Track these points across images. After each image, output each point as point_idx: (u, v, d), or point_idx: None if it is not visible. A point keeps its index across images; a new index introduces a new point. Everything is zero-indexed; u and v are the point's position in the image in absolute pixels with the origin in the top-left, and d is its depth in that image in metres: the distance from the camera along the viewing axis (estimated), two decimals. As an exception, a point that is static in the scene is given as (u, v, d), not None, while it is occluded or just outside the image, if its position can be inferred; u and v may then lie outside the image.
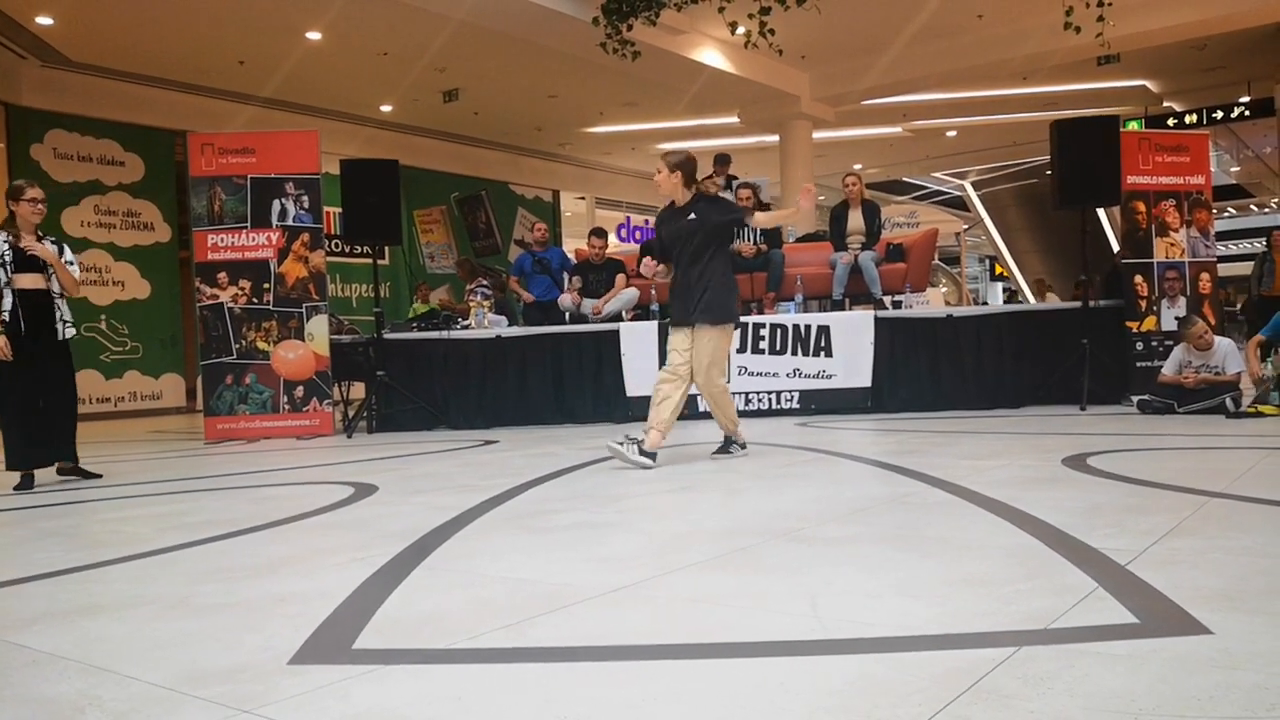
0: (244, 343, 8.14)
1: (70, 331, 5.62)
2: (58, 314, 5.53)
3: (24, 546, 3.60)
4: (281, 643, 2.12)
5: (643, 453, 4.97)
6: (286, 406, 8.16)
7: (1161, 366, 7.16)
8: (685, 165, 5.15)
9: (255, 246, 8.20)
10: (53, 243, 5.59)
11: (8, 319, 5.29)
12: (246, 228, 8.19)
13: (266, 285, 8.18)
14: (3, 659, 2.14)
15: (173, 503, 4.57)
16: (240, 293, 8.15)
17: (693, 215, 5.11)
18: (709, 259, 5.14)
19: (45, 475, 5.62)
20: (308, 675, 1.90)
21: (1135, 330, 7.89)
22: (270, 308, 8.18)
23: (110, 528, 3.94)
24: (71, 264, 5.61)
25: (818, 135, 15.62)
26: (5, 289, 5.32)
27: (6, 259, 5.34)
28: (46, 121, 12.24)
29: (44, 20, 10.90)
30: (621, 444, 5.00)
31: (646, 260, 5.51)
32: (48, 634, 2.30)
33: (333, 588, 2.60)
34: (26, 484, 5.37)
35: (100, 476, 5.71)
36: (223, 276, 8.15)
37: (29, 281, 5.40)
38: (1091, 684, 1.64)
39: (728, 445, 5.39)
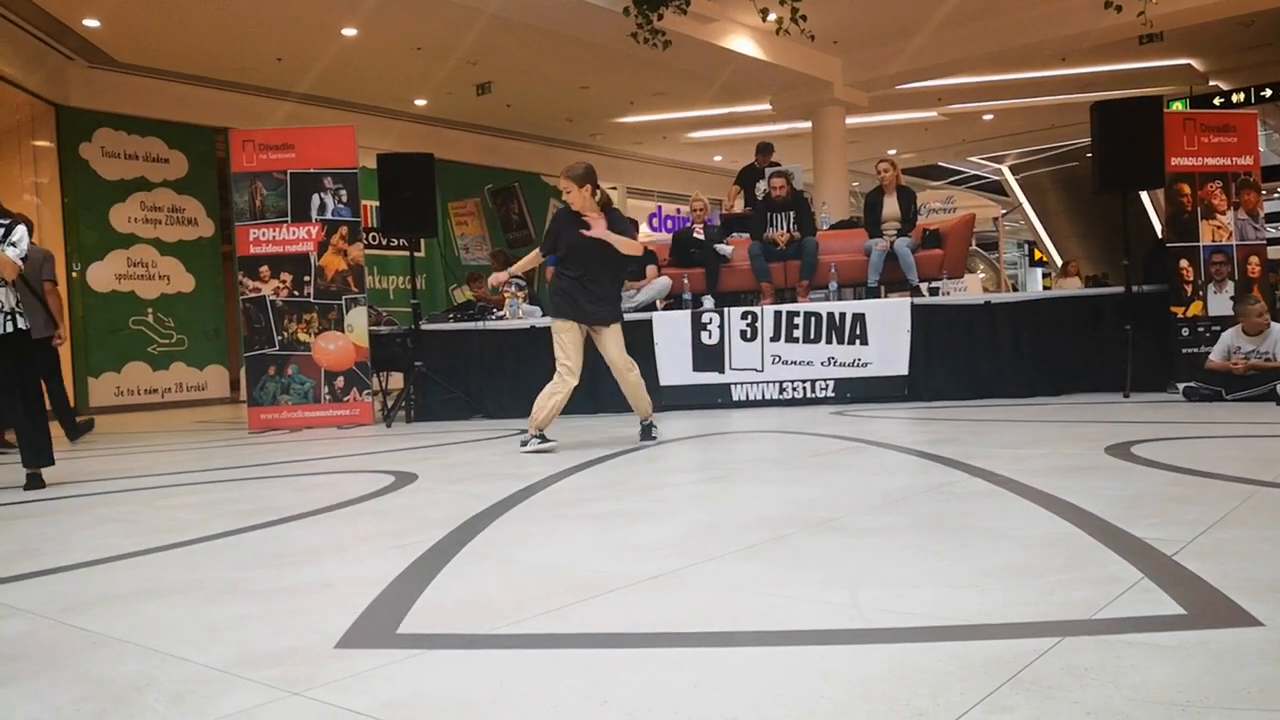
0: (286, 334, 8.26)
1: (10, 325, 4.83)
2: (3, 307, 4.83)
3: (83, 533, 3.69)
4: (328, 627, 2.16)
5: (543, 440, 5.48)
6: (327, 397, 8.27)
7: (1208, 353, 7.06)
8: (590, 177, 5.57)
9: (295, 240, 8.30)
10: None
11: None
12: (287, 222, 8.30)
13: (307, 278, 8.28)
14: (64, 640, 2.20)
15: (221, 491, 4.65)
16: (281, 285, 8.26)
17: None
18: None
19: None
20: (354, 659, 1.94)
21: (1180, 316, 7.77)
22: (311, 300, 8.28)
23: (163, 514, 4.02)
24: (13, 245, 4.83)
25: (851, 121, 15.50)
26: None
27: None
28: (94, 121, 12.49)
29: (91, 22, 11.09)
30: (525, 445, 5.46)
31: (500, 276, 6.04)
32: (106, 616, 2.37)
33: (376, 574, 2.64)
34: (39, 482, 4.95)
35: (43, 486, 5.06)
36: (264, 270, 8.26)
37: None
38: (1137, 675, 1.63)
39: (649, 431, 5.83)
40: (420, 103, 15.36)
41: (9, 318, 4.83)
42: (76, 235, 12.27)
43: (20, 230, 4.89)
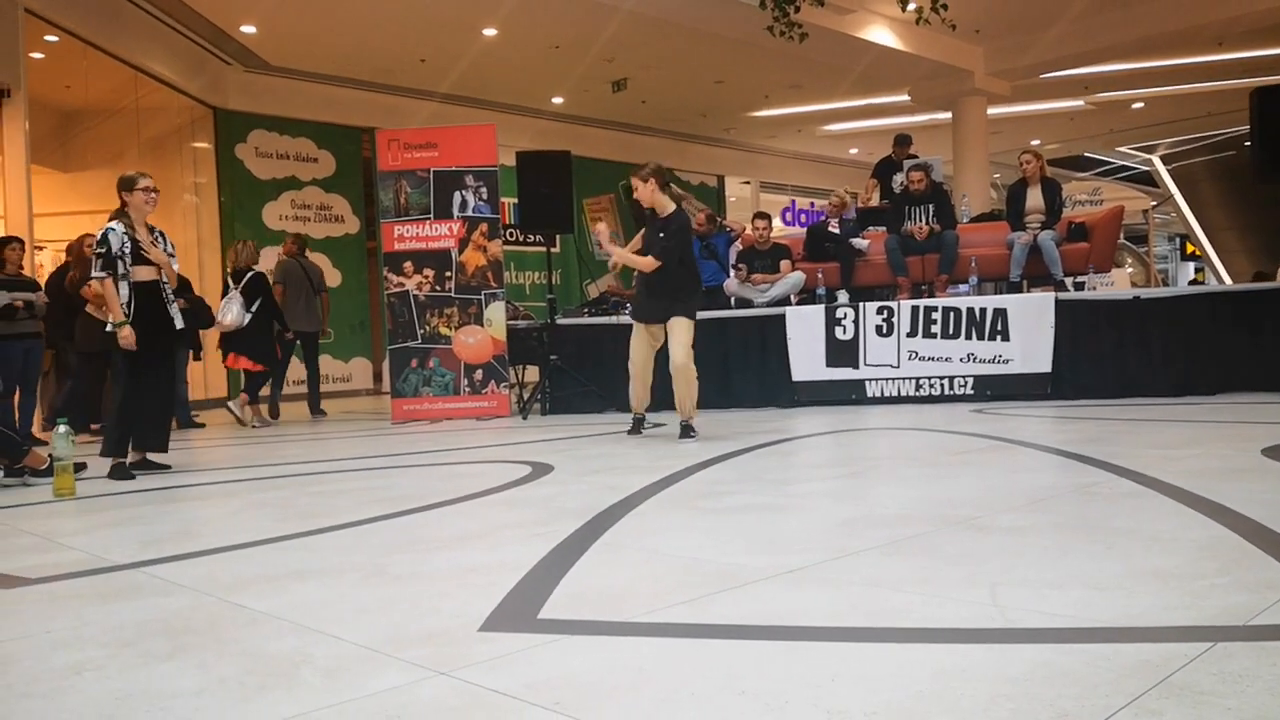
0: (427, 328, 8.55)
1: (180, 321, 5.55)
2: (170, 305, 5.47)
3: (240, 515, 3.92)
4: (472, 610, 2.25)
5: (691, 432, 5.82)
6: (466, 389, 8.53)
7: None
8: (656, 173, 5.85)
9: (437, 237, 8.58)
10: (158, 235, 5.51)
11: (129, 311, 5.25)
12: (430, 219, 8.58)
13: (448, 274, 8.55)
14: (225, 616, 2.35)
15: (368, 479, 4.86)
16: (424, 281, 8.55)
17: (662, 235, 5.84)
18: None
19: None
20: (498, 642, 2.02)
21: (1349, 312, 7.29)
22: (452, 295, 8.55)
23: (315, 500, 4.23)
24: (173, 257, 5.56)
25: (992, 111, 15.05)
26: (123, 281, 5.26)
27: (126, 250, 5.27)
28: (249, 123, 13.16)
29: (248, 29, 11.70)
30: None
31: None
32: (263, 595, 2.52)
33: (516, 561, 2.73)
34: (127, 474, 5.27)
35: (169, 468, 5.60)
36: (408, 265, 8.56)
37: (144, 274, 5.35)
38: (1294, 682, 1.57)
39: (688, 431, 5.91)
40: (558, 100, 15.63)
41: (177, 315, 5.53)
42: (232, 233, 12.92)
43: (168, 241, 5.63)
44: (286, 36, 12.09)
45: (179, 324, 5.53)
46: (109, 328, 5.28)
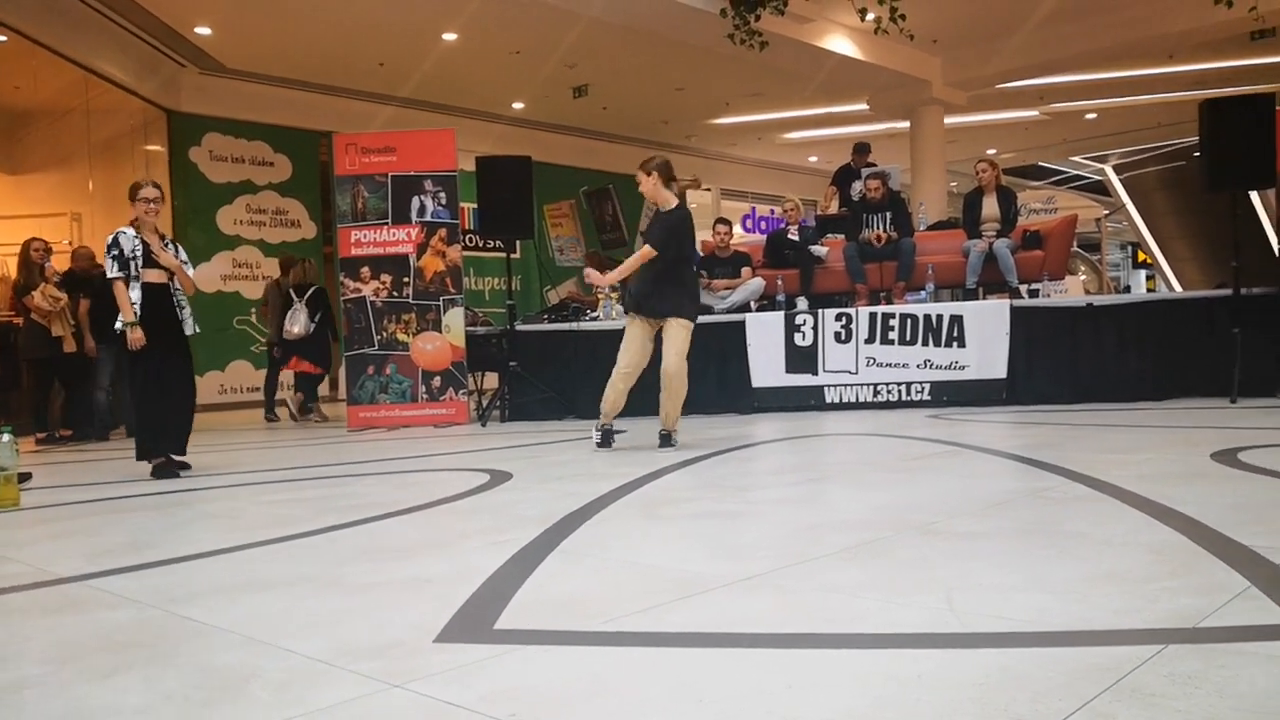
0: (385, 334, 8.47)
1: (192, 327, 5.72)
2: (181, 309, 5.65)
3: (190, 527, 3.85)
4: (428, 621, 2.22)
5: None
6: (424, 396, 8.46)
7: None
8: (660, 167, 5.65)
9: (395, 242, 8.51)
10: (169, 243, 5.72)
11: (139, 311, 5.41)
12: (387, 224, 8.51)
13: (406, 279, 8.48)
14: (173, 630, 2.30)
15: (323, 487, 4.80)
16: (381, 286, 8.47)
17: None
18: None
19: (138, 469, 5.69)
20: (453, 653, 1.99)
21: (1292, 319, 7.47)
22: (410, 300, 8.48)
23: (268, 510, 4.17)
24: (186, 264, 5.74)
25: (950, 120, 15.21)
26: (135, 282, 5.43)
27: (137, 253, 5.45)
28: (203, 126, 12.94)
29: (203, 30, 11.52)
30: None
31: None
32: (214, 608, 2.47)
33: (473, 570, 2.70)
34: (168, 472, 5.47)
35: (190, 467, 5.72)
36: (365, 271, 8.48)
37: (154, 276, 5.52)
38: (1243, 685, 1.59)
39: (668, 440, 5.70)
40: (518, 106, 15.58)
41: (188, 321, 5.71)
42: (186, 238, 12.75)
43: (181, 250, 5.80)
44: (243, 39, 11.92)
45: (189, 329, 5.68)
46: (118, 327, 5.43)
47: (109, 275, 5.47)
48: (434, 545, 3.15)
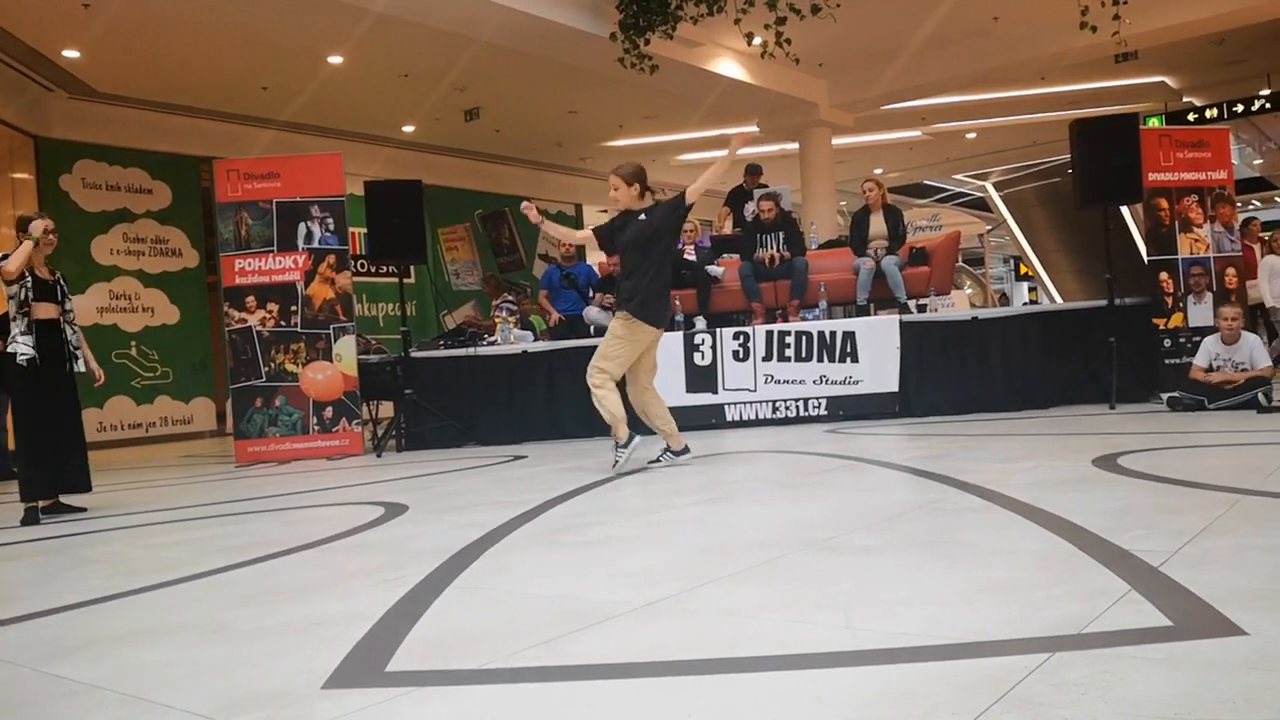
0: (273, 365, 8.22)
1: (80, 366, 5.61)
2: (69, 345, 5.56)
3: (65, 575, 3.66)
4: (317, 667, 2.14)
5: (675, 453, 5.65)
6: (316, 427, 8.23)
7: (1190, 363, 7.11)
8: (640, 176, 5.48)
9: (282, 270, 8.28)
10: (59, 279, 5.64)
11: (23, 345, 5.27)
12: (273, 251, 8.28)
13: (294, 308, 8.26)
14: (41, 691, 2.17)
15: (208, 527, 4.62)
16: (268, 315, 8.23)
17: (643, 216, 5.42)
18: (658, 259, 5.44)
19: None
20: (343, 699, 1.92)
21: (1162, 327, 7.84)
22: (298, 330, 8.26)
23: (149, 553, 3.99)
24: (67, 297, 5.67)
25: (837, 141, 15.59)
26: (22, 318, 5.32)
27: (28, 285, 5.35)
28: (75, 152, 12.39)
29: (70, 54, 11.06)
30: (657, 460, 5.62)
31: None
32: (87, 663, 2.34)
33: (366, 609, 2.62)
34: (33, 518, 5.24)
35: (84, 510, 5.55)
36: (251, 300, 8.24)
37: (44, 311, 5.42)
38: (1126, 689, 1.63)
39: (681, 453, 5.71)
40: (408, 129, 15.39)
41: (76, 360, 5.59)
42: (58, 267, 12.20)
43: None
44: (115, 62, 11.49)
45: (80, 367, 5.58)
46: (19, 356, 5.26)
47: None
48: (325, 585, 3.05)
